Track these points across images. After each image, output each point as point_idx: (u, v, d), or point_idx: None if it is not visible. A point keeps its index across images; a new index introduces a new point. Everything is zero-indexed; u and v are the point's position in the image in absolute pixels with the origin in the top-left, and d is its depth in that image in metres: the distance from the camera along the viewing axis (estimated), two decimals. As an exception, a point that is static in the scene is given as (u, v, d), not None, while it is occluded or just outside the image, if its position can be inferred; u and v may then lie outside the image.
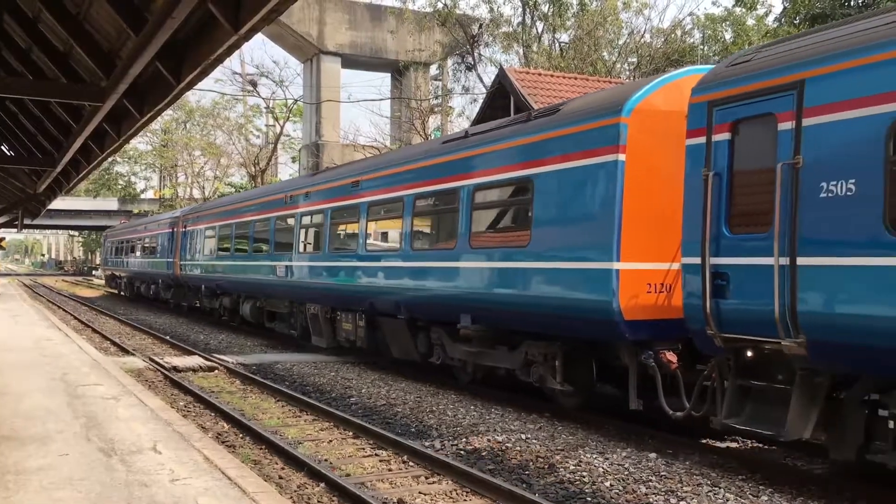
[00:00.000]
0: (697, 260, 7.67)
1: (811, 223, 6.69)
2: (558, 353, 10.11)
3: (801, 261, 6.74)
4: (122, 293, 41.16)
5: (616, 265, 8.86)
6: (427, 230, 13.03)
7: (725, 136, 7.57)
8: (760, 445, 9.05)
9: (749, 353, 7.41)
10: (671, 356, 8.73)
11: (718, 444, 9.14)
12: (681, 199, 7.98)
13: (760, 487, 7.45)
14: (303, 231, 17.19)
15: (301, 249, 17.16)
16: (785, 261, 6.84)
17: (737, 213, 7.47)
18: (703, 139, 7.74)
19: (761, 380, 7.37)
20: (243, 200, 22.40)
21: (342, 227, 15.53)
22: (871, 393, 6.86)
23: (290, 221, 17.78)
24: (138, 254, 34.90)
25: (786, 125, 7.01)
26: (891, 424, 6.46)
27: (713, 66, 8.67)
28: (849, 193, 6.45)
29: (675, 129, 8.37)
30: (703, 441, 9.09)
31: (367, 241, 14.31)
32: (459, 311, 11.39)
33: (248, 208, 20.97)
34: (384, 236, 14.26)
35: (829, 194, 6.59)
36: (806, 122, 6.84)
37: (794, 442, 7.41)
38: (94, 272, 78.79)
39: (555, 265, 9.76)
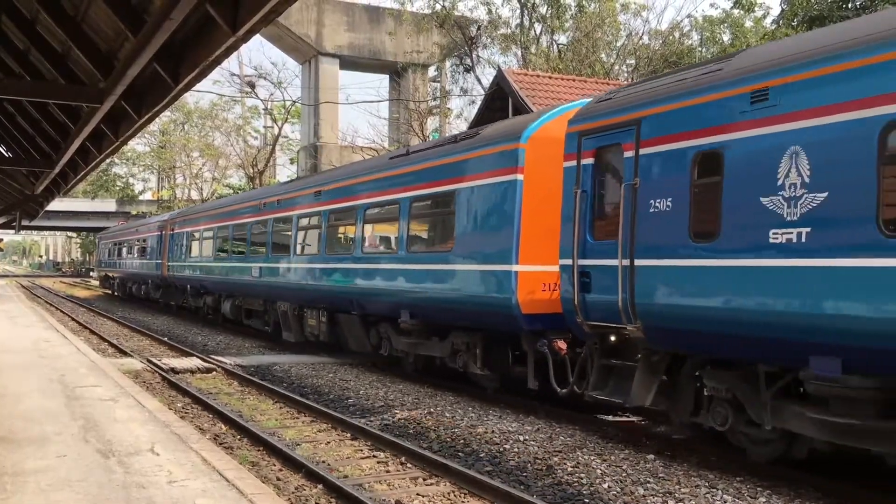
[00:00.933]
0: (570, 262, 9.28)
1: (644, 232, 8.32)
2: (478, 342, 11.64)
3: (637, 262, 8.34)
4: (115, 293, 42.45)
5: (515, 268, 10.44)
6: (376, 236, 14.51)
7: (590, 160, 9.23)
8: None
9: (612, 338, 9.02)
10: (562, 344, 10.09)
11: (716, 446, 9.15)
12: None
13: (758, 489, 7.46)
14: (274, 235, 18.70)
15: (273, 252, 18.65)
16: (626, 262, 8.45)
17: (597, 223, 9.13)
18: (574, 163, 9.40)
19: (620, 359, 9.04)
20: (223, 206, 23.92)
21: (307, 232, 16.99)
22: (698, 369, 8.36)
23: (264, 227, 19.29)
24: (130, 255, 36.24)
25: (629, 153, 8.61)
26: (704, 393, 8.31)
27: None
28: (667, 209, 8.08)
29: (560, 154, 9.78)
30: (702, 443, 9.10)
31: (328, 246, 15.78)
32: (400, 308, 12.94)
33: (228, 213, 22.53)
34: (341, 241, 15.74)
35: (656, 209, 8.22)
36: (642, 151, 8.45)
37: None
38: (91, 273, 78.76)
39: (471, 267, 11.33)
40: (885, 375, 6.47)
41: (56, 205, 41.39)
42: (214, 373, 14.88)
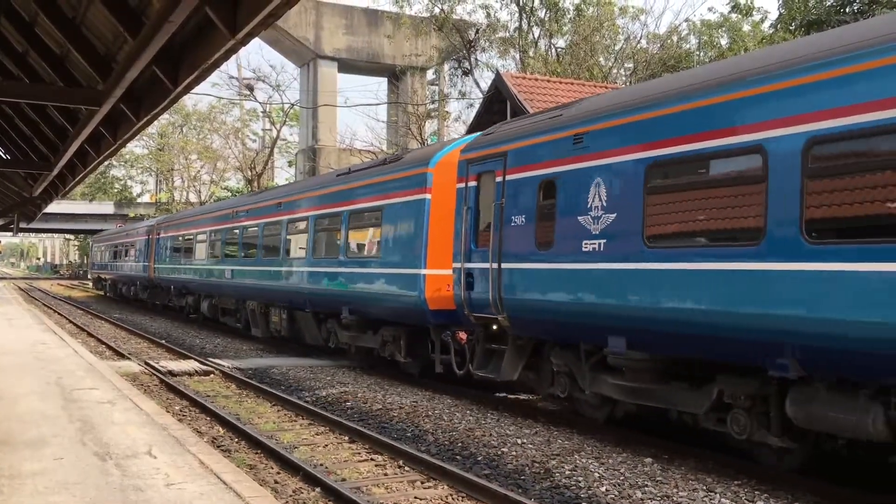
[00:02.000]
0: (459, 265, 11.34)
1: (507, 242, 10.32)
2: (402, 335, 13.56)
3: (503, 265, 10.38)
4: (107, 294, 44.54)
5: (423, 271, 12.49)
6: (323, 243, 16.24)
7: (474, 183, 11.30)
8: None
9: (494, 327, 10.86)
10: (462, 334, 11.80)
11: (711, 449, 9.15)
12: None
13: (756, 493, 7.46)
14: (244, 241, 20.80)
15: (242, 256, 20.88)
16: (496, 265, 10.45)
17: (478, 234, 11.15)
18: (463, 185, 11.47)
19: (499, 344, 10.96)
20: (201, 213, 26.31)
21: (270, 238, 18.96)
22: (551, 350, 10.21)
23: (236, 233, 21.49)
24: (120, 258, 38.49)
25: (499, 179, 10.63)
26: (554, 369, 10.22)
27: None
28: (522, 224, 10.08)
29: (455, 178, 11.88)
30: (700, 446, 9.10)
31: (286, 251, 17.85)
32: (342, 306, 14.90)
33: (206, 220, 24.70)
34: (297, 247, 17.45)
35: (515, 224, 10.23)
36: (507, 177, 10.45)
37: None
38: (89, 276, 78.66)
39: (393, 271, 13.31)
40: (653, 350, 8.55)
41: (54, 207, 41.36)
42: (212, 375, 14.86)
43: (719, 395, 7.97)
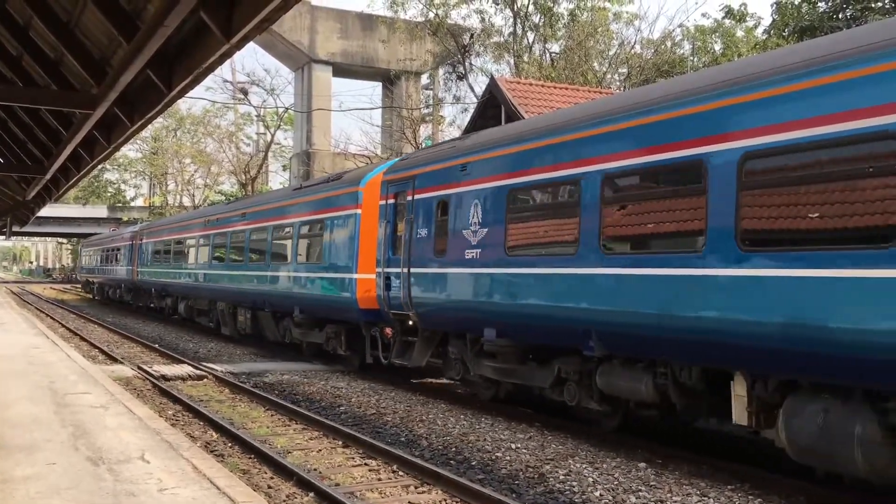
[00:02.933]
0: (380, 270, 13.30)
1: (414, 250, 12.28)
2: (342, 331, 15.39)
3: (411, 270, 12.30)
4: (95, 297, 46.73)
5: (355, 276, 14.40)
6: (279, 250, 18.18)
7: (392, 201, 13.28)
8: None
9: (409, 322, 12.73)
10: (388, 330, 13.57)
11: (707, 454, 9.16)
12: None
13: (750, 497, 7.47)
14: (216, 247, 22.70)
15: (213, 261, 22.80)
16: (406, 270, 12.38)
17: (395, 243, 13.01)
18: (384, 202, 13.50)
19: (413, 336, 12.89)
20: (178, 221, 28.75)
21: (236, 245, 21.04)
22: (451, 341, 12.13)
23: (207, 240, 23.44)
24: (107, 262, 40.82)
25: (410, 198, 12.61)
26: (451, 356, 12.16)
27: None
28: (426, 236, 12.06)
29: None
30: (694, 450, 9.11)
31: (250, 257, 19.91)
32: (294, 305, 16.85)
33: (181, 227, 26.90)
34: (259, 254, 19.50)
35: (420, 236, 12.18)
36: (415, 197, 12.46)
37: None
38: (78, 279, 78.45)
39: (332, 275, 15.23)
40: (514, 338, 10.47)
41: (47, 211, 41.25)
42: (206, 380, 14.83)
43: (558, 372, 10.05)
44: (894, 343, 6.00)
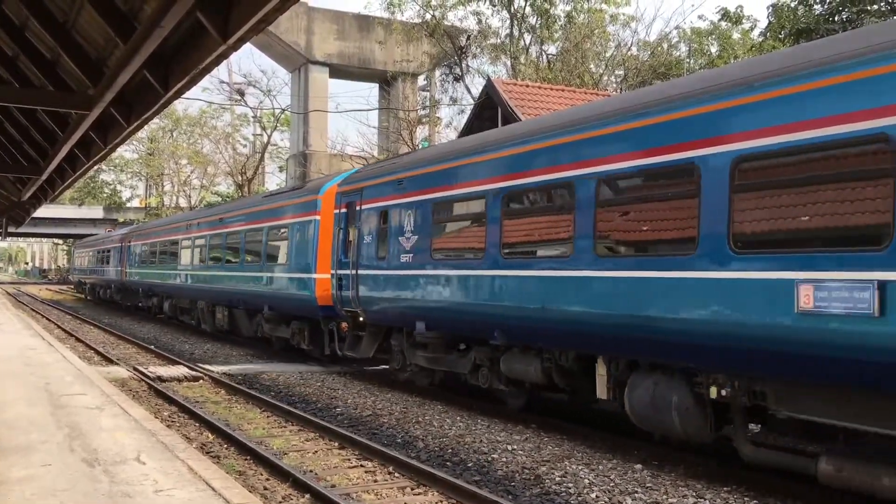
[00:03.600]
0: (334, 271, 14.76)
1: (362, 254, 13.80)
2: (305, 326, 16.85)
3: (359, 272, 13.79)
4: (87, 297, 48.49)
5: (314, 276, 15.86)
6: (251, 253, 19.88)
7: (344, 210, 14.68)
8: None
9: (359, 318, 14.22)
10: (345, 325, 14.89)
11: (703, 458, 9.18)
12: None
13: (745, 499, 7.49)
14: (197, 250, 24.26)
15: (194, 262, 24.37)
16: (354, 272, 13.91)
17: (346, 248, 14.41)
18: (338, 210, 14.95)
19: (362, 331, 14.44)
20: (163, 225, 30.50)
21: (214, 248, 22.66)
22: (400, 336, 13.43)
23: (189, 242, 25.03)
24: (98, 263, 42.76)
25: (358, 207, 14.10)
26: (394, 348, 13.64)
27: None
28: (371, 241, 13.58)
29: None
30: (689, 453, 9.12)
31: (226, 259, 21.55)
32: (264, 303, 18.54)
33: (166, 231, 28.66)
34: (234, 256, 21.09)
35: (366, 241, 13.72)
36: (363, 207, 13.94)
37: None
38: (71, 279, 78.38)
39: (295, 275, 16.77)
40: (440, 330, 12.02)
41: (43, 211, 41.16)
42: (201, 381, 14.81)
43: (474, 360, 11.63)
44: (699, 329, 7.56)
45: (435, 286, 11.74)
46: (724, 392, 7.69)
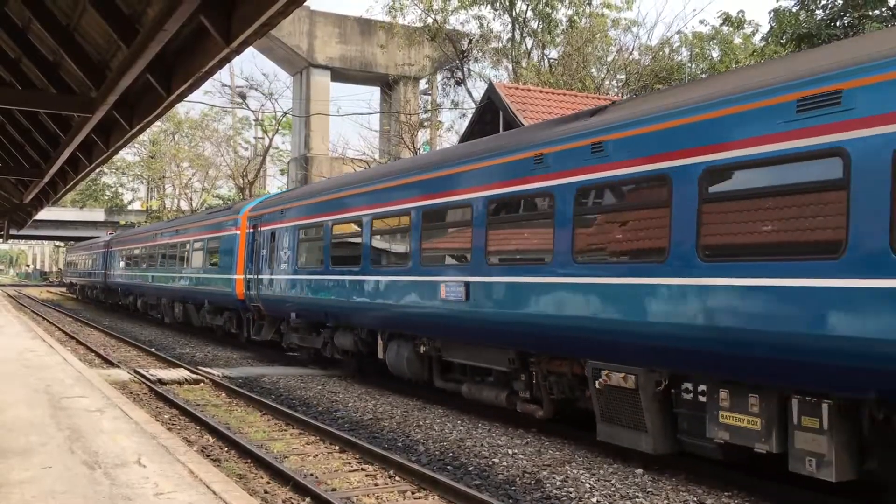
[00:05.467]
0: (244, 275, 19.42)
1: (260, 263, 18.13)
2: (233, 316, 21.29)
3: (259, 276, 18.23)
4: (77, 297, 53.77)
5: (235, 276, 20.09)
6: (197, 259, 24.25)
7: (252, 230, 19.30)
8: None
9: (262, 310, 18.49)
10: (258, 315, 19.08)
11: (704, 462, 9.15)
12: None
13: (746, 503, 7.47)
14: (159, 256, 29.16)
15: (159, 266, 29.20)
16: (256, 276, 18.32)
17: (252, 258, 18.94)
18: (248, 230, 19.57)
19: (263, 320, 18.80)
20: (137, 233, 35.95)
21: (172, 254, 27.45)
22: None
23: (155, 249, 29.82)
24: (85, 267, 49.00)
25: (259, 228, 18.62)
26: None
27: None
28: (266, 253, 17.92)
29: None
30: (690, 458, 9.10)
31: (179, 263, 26.32)
32: (205, 299, 23.07)
33: (138, 238, 33.76)
34: (185, 261, 25.64)
35: (263, 254, 18.10)
36: (261, 228, 18.40)
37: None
38: (64, 280, 78.39)
39: (223, 276, 21.09)
40: (305, 318, 16.35)
41: (44, 214, 41.30)
42: (202, 384, 14.80)
43: (327, 337, 15.70)
44: (410, 311, 12.17)
45: (300, 287, 16.28)
46: (424, 348, 12.33)
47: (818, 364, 6.55)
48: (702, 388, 7.75)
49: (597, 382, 8.85)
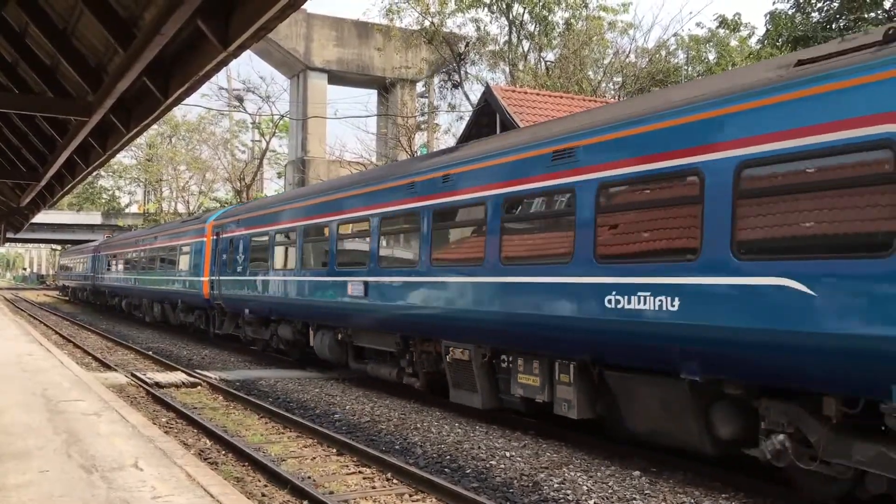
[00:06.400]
0: (209, 277, 21.93)
1: (222, 267, 20.98)
2: (203, 313, 23.65)
3: (220, 278, 20.99)
4: (69, 299, 56.22)
5: (202, 279, 22.44)
6: (170, 263, 27.06)
7: (215, 237, 21.80)
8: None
9: (224, 308, 21.16)
10: (222, 312, 21.50)
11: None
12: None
13: (743, 506, 7.48)
14: (141, 259, 32.06)
15: (139, 270, 32.21)
16: (217, 277, 21.22)
17: (215, 262, 21.39)
18: (212, 237, 22.08)
19: (225, 316, 21.33)
20: (122, 239, 38.75)
21: (150, 260, 30.47)
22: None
23: (137, 254, 32.78)
24: (76, 270, 52.01)
25: (222, 236, 21.33)
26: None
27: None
28: (225, 258, 20.84)
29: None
30: (687, 459, 9.12)
31: (157, 267, 29.22)
32: (178, 299, 25.82)
33: (122, 244, 36.91)
34: (161, 265, 28.61)
35: (223, 259, 20.95)
36: (222, 236, 21.21)
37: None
38: (57, 283, 78.33)
39: (193, 278, 23.55)
40: (256, 314, 18.89)
41: (41, 217, 41.23)
42: (199, 387, 14.79)
43: (273, 330, 18.15)
44: (326, 307, 14.95)
45: (250, 287, 18.88)
46: (341, 336, 14.91)
47: (553, 337, 9.42)
48: (511, 358, 10.41)
49: (447, 357, 11.50)
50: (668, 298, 7.71)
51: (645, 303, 7.96)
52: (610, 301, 8.34)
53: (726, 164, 7.26)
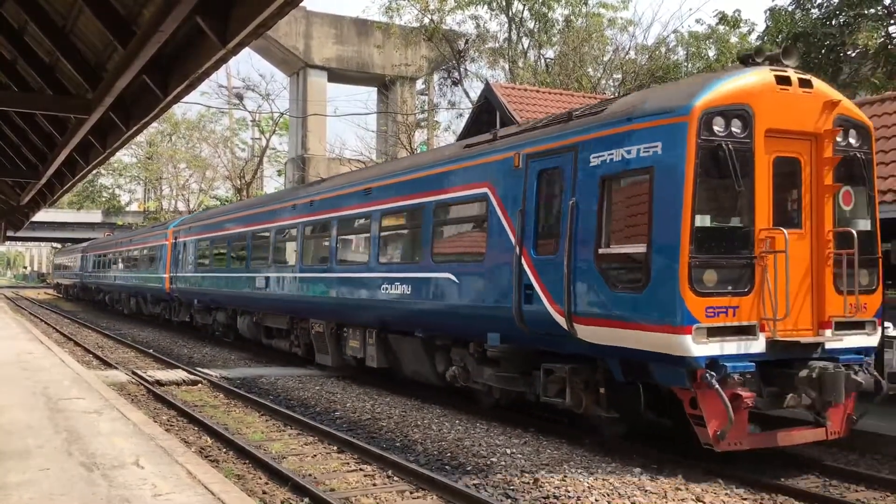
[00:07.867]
0: (170, 274, 26.60)
1: (180, 265, 25.61)
2: (167, 306, 27.92)
3: (178, 274, 25.84)
4: (62, 296, 59.74)
5: (165, 275, 26.84)
6: (142, 262, 31.16)
7: (174, 241, 26.59)
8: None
9: (180, 300, 26.48)
10: (179, 303, 26.38)
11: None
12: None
13: (745, 501, 7.48)
14: (119, 259, 36.25)
15: (120, 268, 36.15)
16: (175, 274, 26.16)
17: (174, 261, 26.33)
18: (173, 241, 26.85)
19: (181, 306, 26.62)
20: (105, 241, 44.00)
21: (128, 259, 34.18)
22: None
23: (120, 254, 36.53)
24: (68, 269, 56.47)
25: (179, 240, 26.13)
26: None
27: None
28: (181, 257, 25.63)
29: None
30: (688, 456, 9.12)
31: (135, 266, 32.68)
32: (148, 293, 30.34)
33: (106, 245, 41.58)
34: (135, 264, 32.65)
35: (180, 258, 25.70)
36: (179, 239, 26.19)
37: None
38: (52, 280, 78.42)
39: (159, 275, 27.76)
40: (203, 304, 23.86)
41: (41, 216, 41.22)
42: (200, 385, 14.79)
43: (214, 317, 22.43)
44: (235, 294, 20.40)
45: (196, 282, 23.16)
46: (255, 319, 19.17)
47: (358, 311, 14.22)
48: (347, 330, 14.76)
49: (312, 330, 16.12)
50: (405, 286, 12.35)
51: (397, 289, 12.57)
52: (385, 289, 12.92)
53: (431, 204, 11.82)
